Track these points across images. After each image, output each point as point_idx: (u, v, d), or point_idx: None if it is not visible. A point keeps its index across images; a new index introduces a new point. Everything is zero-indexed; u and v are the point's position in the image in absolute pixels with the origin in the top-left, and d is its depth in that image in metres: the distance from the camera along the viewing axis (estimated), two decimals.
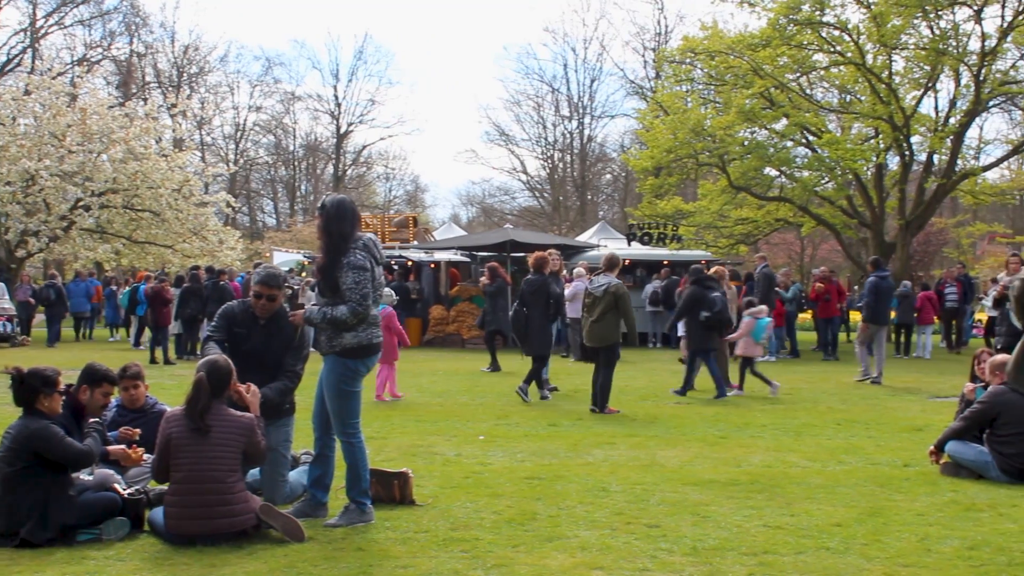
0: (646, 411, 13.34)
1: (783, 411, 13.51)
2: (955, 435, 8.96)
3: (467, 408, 13.47)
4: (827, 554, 6.26)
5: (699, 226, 32.53)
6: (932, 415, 12.95)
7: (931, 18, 29.59)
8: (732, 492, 8.05)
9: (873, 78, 29.24)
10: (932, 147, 30.79)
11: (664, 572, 5.87)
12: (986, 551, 6.35)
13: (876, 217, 31.24)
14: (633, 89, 59.51)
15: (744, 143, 30.83)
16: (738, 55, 29.42)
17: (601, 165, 65.42)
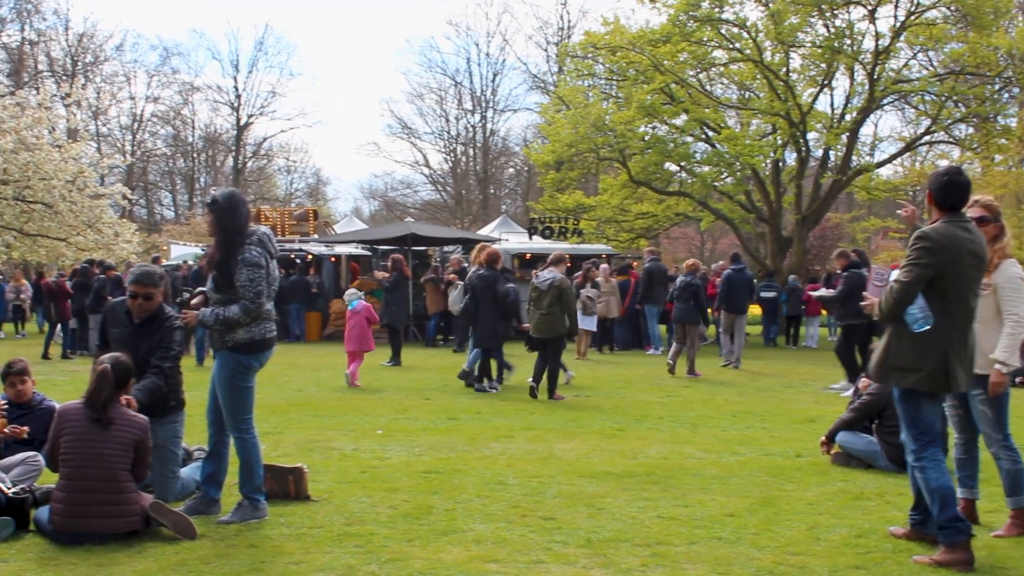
0: (544, 404, 13.39)
1: (680, 403, 13.66)
2: (845, 426, 9.15)
3: (366, 402, 13.39)
4: (719, 544, 6.34)
5: (600, 220, 32.66)
6: (825, 406, 13.19)
7: (827, 17, 30.13)
8: (628, 484, 8.12)
9: (771, 75, 29.67)
10: (828, 143, 31.36)
11: (558, 564, 5.89)
12: (873, 538, 6.49)
13: (773, 212, 31.73)
14: (536, 83, 59.70)
15: (644, 138, 31.04)
16: (639, 51, 29.63)
17: (504, 159, 65.48)
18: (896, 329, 6.15)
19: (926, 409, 6.14)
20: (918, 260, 5.98)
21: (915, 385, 6.06)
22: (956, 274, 6.01)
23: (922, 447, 6.11)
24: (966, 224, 6.15)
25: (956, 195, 6.14)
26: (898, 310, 6.02)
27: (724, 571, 5.78)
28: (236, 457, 7.05)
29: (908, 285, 5.97)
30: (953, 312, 6.03)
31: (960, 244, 6.02)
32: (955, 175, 6.16)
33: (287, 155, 66.23)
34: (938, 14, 30.34)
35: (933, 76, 31.95)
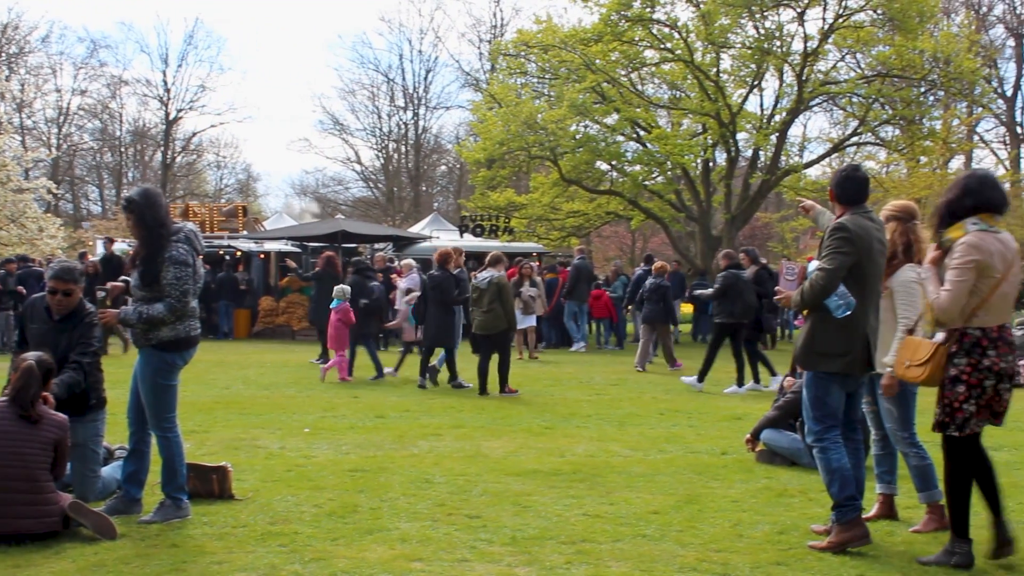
0: (473, 402, 13.40)
1: (608, 401, 13.72)
2: (770, 424, 9.25)
3: (294, 400, 13.31)
4: (643, 541, 6.38)
5: (531, 218, 32.75)
6: (752, 404, 13.31)
7: (757, 18, 30.47)
8: (554, 482, 8.14)
9: (701, 75, 29.94)
10: (757, 144, 31.70)
11: (483, 562, 5.89)
12: (794, 535, 6.56)
13: (703, 211, 32.02)
14: (468, 81, 59.66)
15: (576, 137, 31.18)
16: (571, 50, 29.77)
17: (436, 156, 65.29)
18: (819, 317, 6.35)
19: (834, 394, 6.38)
20: (839, 248, 6.21)
21: (842, 369, 6.28)
22: (870, 261, 6.30)
23: (825, 429, 6.35)
24: (870, 215, 6.46)
25: (854, 189, 6.46)
26: (824, 297, 6.22)
27: (647, 568, 5.81)
28: (158, 456, 6.96)
29: (833, 273, 6.18)
30: (867, 297, 6.32)
31: (870, 233, 6.33)
32: (852, 172, 6.52)
33: (217, 151, 65.48)
34: (865, 17, 30.81)
35: (860, 78, 32.40)
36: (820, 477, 6.47)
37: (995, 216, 5.93)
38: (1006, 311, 5.96)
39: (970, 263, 5.78)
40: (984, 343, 5.84)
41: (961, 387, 5.87)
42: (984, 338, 5.85)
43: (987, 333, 5.85)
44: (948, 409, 5.91)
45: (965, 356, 5.86)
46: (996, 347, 5.85)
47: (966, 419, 5.89)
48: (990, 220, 5.91)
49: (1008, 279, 5.86)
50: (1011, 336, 5.96)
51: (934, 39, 30.47)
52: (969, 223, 5.89)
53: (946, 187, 6.30)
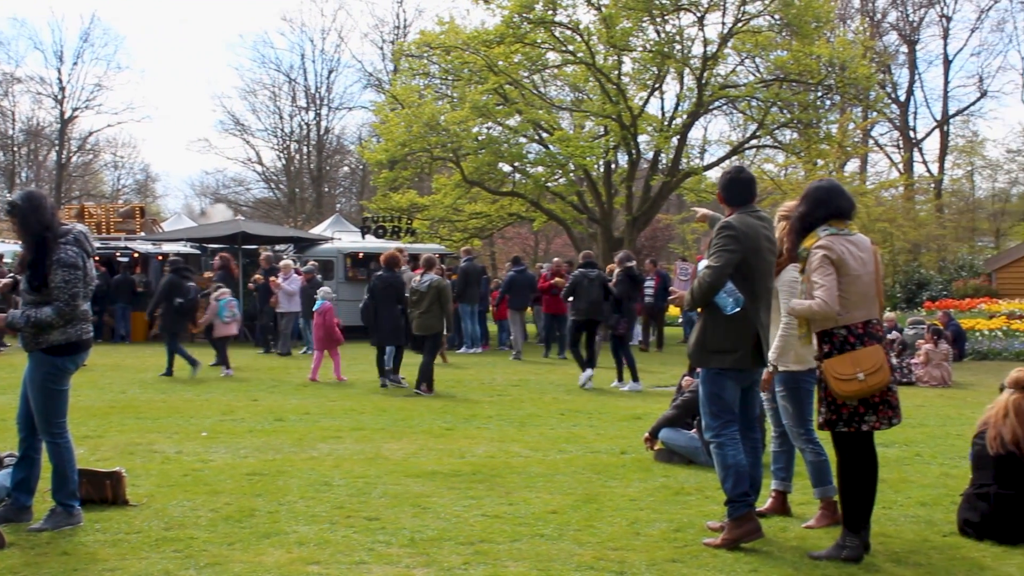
0: (374, 403, 13.35)
1: (510, 402, 13.76)
2: (668, 423, 9.36)
3: (191, 404, 13.12)
4: (541, 541, 6.41)
5: (433, 219, 32.71)
6: (652, 404, 13.43)
7: (658, 22, 30.75)
8: (454, 483, 8.14)
9: (603, 78, 30.13)
10: (658, 146, 32.02)
11: (381, 564, 5.87)
12: (691, 532, 6.64)
13: (605, 213, 32.21)
14: (371, 82, 59.41)
15: (478, 138, 31.20)
16: (473, 51, 29.75)
17: (339, 157, 64.87)
18: (709, 314, 6.48)
19: (729, 390, 6.49)
20: (725, 247, 6.36)
21: (734, 364, 6.39)
22: (757, 258, 6.44)
23: (722, 425, 6.46)
24: (758, 213, 6.62)
25: (740, 191, 6.63)
26: (711, 295, 6.36)
27: (545, 568, 5.83)
28: (49, 463, 6.81)
29: (720, 270, 6.32)
30: (758, 293, 6.45)
31: (757, 231, 6.47)
32: (736, 174, 6.69)
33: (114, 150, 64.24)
34: (764, 22, 31.31)
35: (759, 82, 32.92)
36: (716, 476, 6.56)
37: (845, 221, 6.18)
38: (868, 308, 6.11)
39: (826, 261, 6.02)
40: (852, 340, 6.02)
41: None
42: (850, 335, 6.03)
43: (852, 330, 6.04)
44: (834, 407, 6.05)
45: (838, 352, 6.04)
46: (863, 343, 6.02)
47: (852, 414, 6.02)
48: (840, 225, 6.16)
49: (863, 278, 6.07)
50: (879, 331, 6.13)
51: (830, 45, 31.10)
52: (820, 230, 6.16)
53: (797, 201, 6.46)
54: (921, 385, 17.34)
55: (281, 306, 20.97)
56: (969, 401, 14.35)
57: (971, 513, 6.66)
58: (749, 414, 6.74)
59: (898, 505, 7.60)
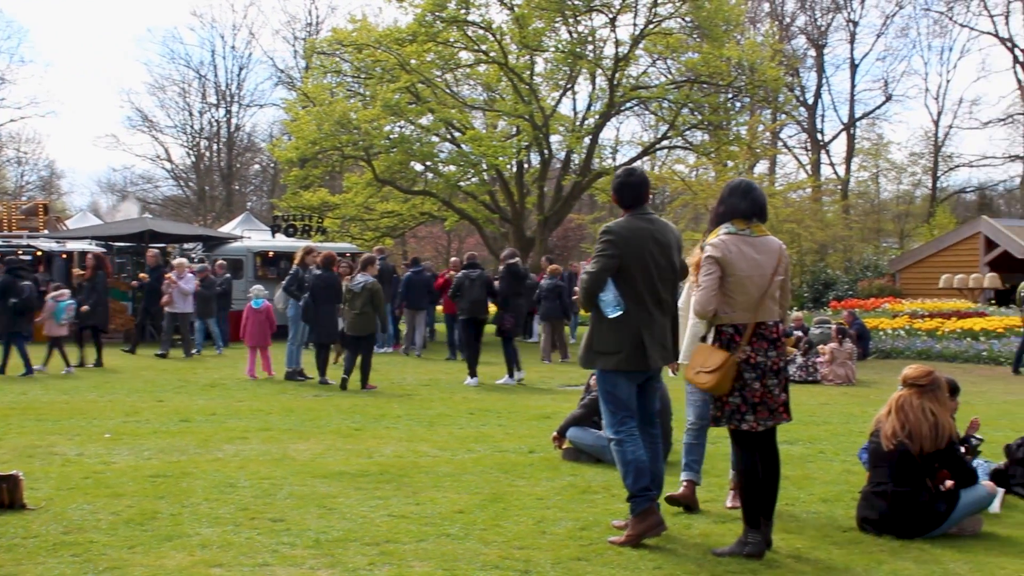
0: (282, 404, 13.24)
1: (419, 402, 13.74)
2: (575, 422, 9.39)
3: (95, 405, 12.88)
4: (447, 540, 6.39)
5: (344, 218, 32.55)
6: (561, 403, 13.47)
7: (570, 23, 30.92)
8: (361, 483, 8.09)
9: (515, 78, 30.22)
10: (570, 146, 32.18)
11: (285, 566, 5.81)
12: (596, 530, 6.68)
13: (517, 212, 32.32)
14: (282, 79, 58.95)
15: (390, 137, 31.08)
16: (385, 49, 29.64)
17: (249, 155, 64.20)
18: (596, 317, 6.57)
19: (622, 387, 6.56)
20: (603, 251, 6.46)
21: (617, 366, 6.47)
22: (640, 262, 6.47)
23: (619, 422, 6.55)
24: (648, 217, 6.65)
25: (629, 194, 6.67)
26: (590, 298, 6.49)
27: (450, 567, 5.82)
28: None
29: (596, 275, 6.45)
30: (642, 296, 6.48)
31: (643, 234, 6.52)
32: (627, 177, 6.73)
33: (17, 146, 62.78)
34: (675, 24, 31.64)
35: (670, 83, 33.25)
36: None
37: (748, 221, 6.27)
38: (761, 309, 6.18)
39: (709, 261, 6.15)
40: (737, 339, 6.13)
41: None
42: (736, 334, 6.14)
43: (739, 329, 6.14)
44: (718, 403, 6.19)
45: (726, 351, 6.15)
46: (750, 343, 6.13)
47: (733, 412, 6.14)
48: (741, 224, 6.25)
49: (754, 279, 6.15)
50: (772, 332, 6.23)
51: (740, 48, 31.49)
52: (722, 228, 6.27)
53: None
54: (826, 383, 17.65)
55: (175, 306, 20.41)
56: (872, 399, 14.59)
57: (869, 511, 6.79)
58: (648, 410, 6.80)
59: (800, 502, 7.72)
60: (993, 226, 34.58)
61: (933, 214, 53.67)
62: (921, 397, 6.83)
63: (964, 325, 24.26)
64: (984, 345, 22.45)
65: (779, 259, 6.27)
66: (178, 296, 20.30)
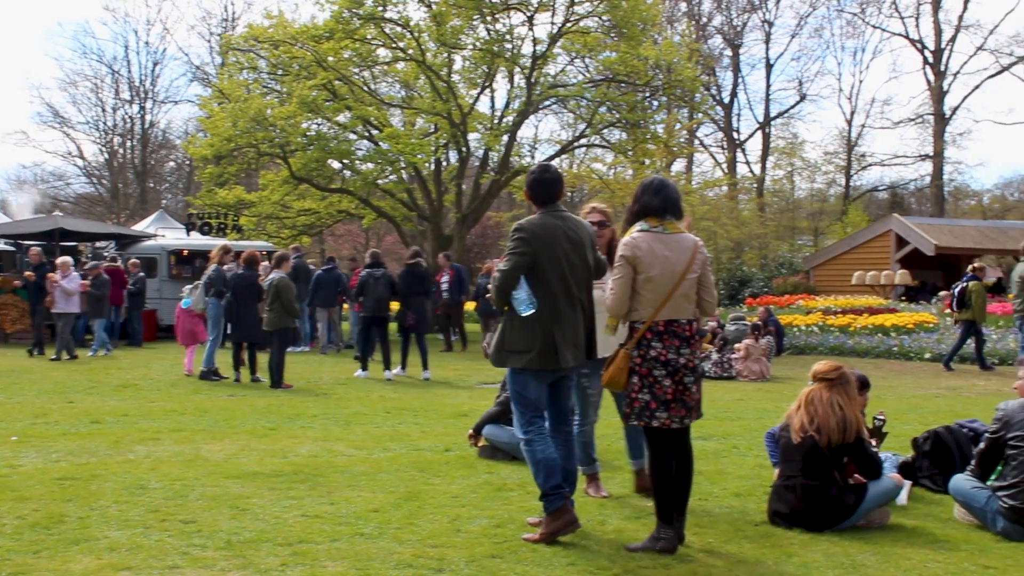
0: (196, 404, 13.06)
1: (336, 401, 13.65)
2: (491, 419, 9.38)
3: (2, 407, 12.58)
4: (361, 540, 6.35)
5: (261, 216, 32.24)
6: (478, 401, 13.49)
7: (488, 21, 30.89)
8: (275, 483, 8.00)
9: (433, 75, 30.14)
10: (488, 144, 32.17)
11: (195, 568, 5.73)
12: (511, 528, 6.67)
13: (435, 210, 32.25)
14: (197, 75, 58.27)
15: (307, 134, 30.83)
16: (302, 46, 29.39)
17: (164, 152, 63.32)
18: (508, 315, 6.57)
19: (532, 387, 6.56)
20: (515, 250, 6.46)
21: (528, 365, 6.46)
22: (552, 260, 6.47)
23: (528, 421, 6.56)
24: (560, 214, 6.65)
25: (542, 191, 6.68)
26: (502, 296, 6.49)
27: (364, 567, 5.78)
28: None
29: (508, 273, 6.44)
30: (555, 295, 6.48)
31: (555, 232, 6.52)
32: (540, 174, 6.73)
33: None
34: (592, 23, 31.74)
35: (588, 82, 33.40)
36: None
37: (662, 218, 6.29)
38: (670, 307, 6.20)
39: (620, 260, 6.20)
40: (648, 335, 6.16)
41: (635, 378, 6.19)
42: (648, 331, 6.16)
43: (652, 326, 6.17)
44: (628, 400, 6.23)
45: (636, 348, 6.19)
46: (662, 340, 6.17)
47: (643, 408, 6.16)
48: (654, 222, 6.29)
49: (665, 276, 6.17)
50: (684, 330, 6.25)
51: (657, 47, 31.68)
52: (636, 226, 6.30)
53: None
54: (741, 379, 17.86)
55: (57, 306, 19.59)
56: (786, 394, 14.78)
57: (780, 505, 6.88)
58: (560, 407, 6.82)
59: (714, 496, 7.79)
60: (904, 224, 35.26)
61: (846, 212, 54.63)
62: (830, 391, 6.94)
63: (875, 321, 24.72)
64: (895, 341, 22.89)
65: (692, 257, 6.26)
66: (60, 296, 19.48)
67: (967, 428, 8.54)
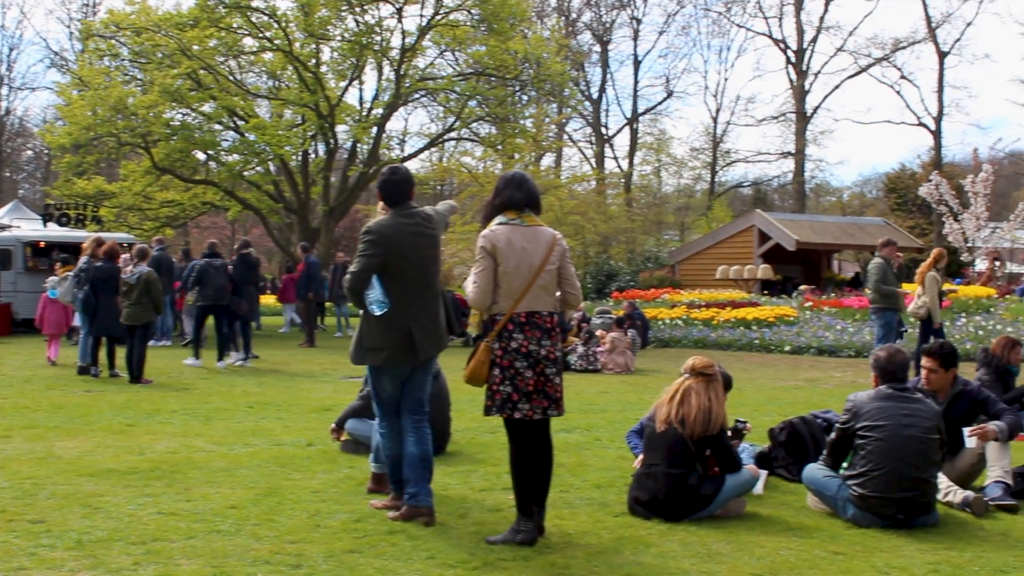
0: (51, 400, 12.68)
1: (196, 396, 13.39)
2: (354, 413, 9.29)
3: None
4: (218, 537, 6.23)
5: (122, 207, 31.50)
6: (343, 395, 13.34)
7: (357, 12, 30.71)
8: (130, 481, 7.81)
9: (300, 66, 29.80)
10: (356, 136, 32.02)
11: (43, 569, 5.55)
12: (371, 522, 6.61)
13: (302, 203, 31.95)
14: (56, 61, 56.69)
15: (170, 124, 30.22)
16: (166, 33, 28.79)
17: (21, 140, 61.50)
18: (364, 314, 6.68)
19: (386, 385, 6.78)
20: (364, 251, 6.60)
21: (385, 362, 6.64)
22: (404, 258, 6.64)
23: (382, 417, 6.86)
24: (411, 212, 6.81)
25: (392, 192, 6.86)
26: (355, 296, 6.64)
27: (220, 564, 5.67)
28: None
29: (358, 274, 6.58)
30: (409, 291, 6.66)
31: (402, 231, 6.69)
32: (389, 176, 6.91)
33: None
34: (462, 17, 31.76)
35: (457, 75, 33.40)
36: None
37: (521, 211, 6.34)
38: (529, 299, 6.23)
39: (480, 252, 6.25)
40: (510, 327, 6.18)
41: (496, 370, 6.19)
42: (510, 322, 6.18)
43: (514, 318, 6.19)
44: (489, 392, 6.23)
45: (497, 340, 6.20)
46: (523, 331, 6.18)
47: (505, 401, 6.17)
48: (512, 215, 6.33)
49: (523, 268, 6.20)
50: (546, 322, 6.28)
51: (526, 42, 31.85)
52: (497, 219, 6.33)
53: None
54: (606, 372, 18.03)
55: None
56: (650, 387, 14.96)
57: (640, 492, 6.97)
58: (417, 397, 6.88)
59: (575, 488, 7.84)
60: (766, 219, 36.00)
61: (711, 207, 55.68)
62: (703, 386, 7.07)
63: (738, 315, 25.20)
64: (756, 333, 23.40)
65: (550, 249, 6.29)
66: None
67: (821, 419, 8.76)
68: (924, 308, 15.89)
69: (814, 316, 25.16)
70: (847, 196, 70.68)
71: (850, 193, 71.23)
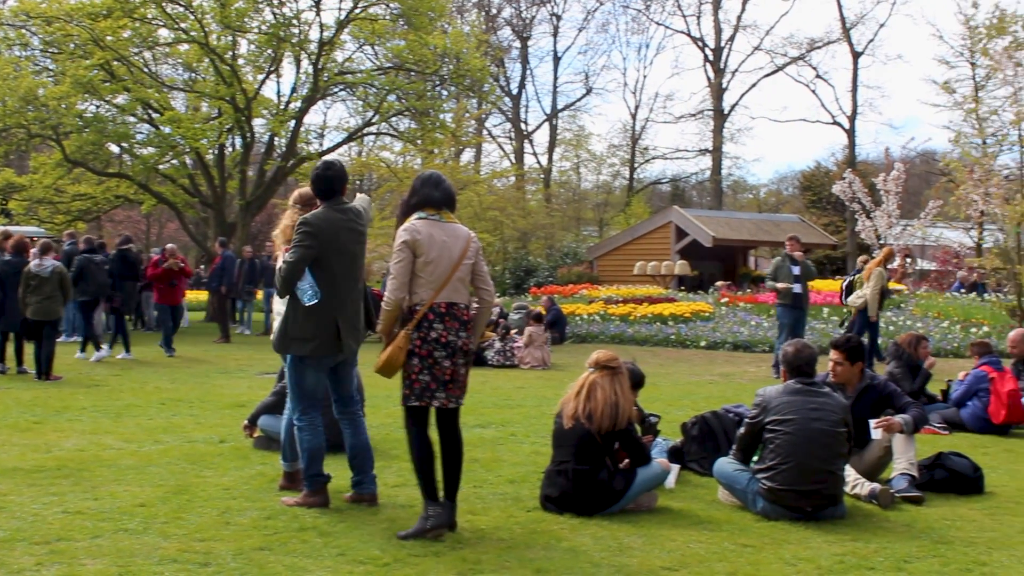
0: None
1: (107, 393, 13.18)
2: (267, 410, 9.20)
3: None
4: (125, 535, 6.13)
5: (32, 200, 30.90)
6: (257, 391, 13.19)
7: (274, 4, 30.41)
8: (35, 479, 7.65)
9: (217, 59, 29.43)
10: (274, 130, 31.71)
11: None
12: (282, 519, 6.56)
13: (218, 197, 31.58)
14: None
15: (82, 116, 29.69)
16: (78, 23, 28.23)
17: None
18: (291, 304, 6.78)
19: (310, 376, 6.87)
20: (300, 243, 6.65)
21: (311, 352, 6.75)
22: (336, 252, 6.75)
23: (302, 410, 6.90)
24: (342, 207, 6.89)
25: (323, 186, 6.91)
26: (286, 287, 6.73)
27: (126, 563, 5.58)
28: None
29: (293, 265, 6.65)
30: (338, 285, 6.79)
31: (337, 225, 6.79)
32: (322, 171, 6.95)
33: None
34: (381, 11, 31.59)
35: (376, 70, 33.23)
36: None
37: (439, 209, 6.42)
38: (448, 290, 6.29)
39: (399, 246, 6.28)
40: (430, 317, 6.23)
41: (415, 359, 6.23)
42: (430, 312, 6.24)
43: (434, 308, 6.25)
44: (408, 381, 6.27)
45: (416, 330, 6.24)
46: (443, 321, 6.25)
47: (423, 389, 6.23)
48: (430, 211, 6.40)
49: (442, 261, 6.27)
50: (463, 314, 6.37)
51: (446, 36, 31.77)
52: (414, 215, 6.39)
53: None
54: (523, 367, 18.07)
55: None
56: (566, 382, 14.68)
57: (551, 489, 6.99)
58: (345, 392, 7.10)
59: (488, 484, 7.84)
60: (684, 216, 36.38)
61: (630, 204, 56.03)
62: (606, 379, 7.11)
63: (655, 310, 25.39)
64: (672, 329, 23.59)
65: (467, 244, 6.41)
66: None
67: (733, 413, 8.85)
68: (862, 299, 16.24)
69: (730, 312, 25.43)
70: (763, 193, 71.67)
71: (766, 190, 72.22)
